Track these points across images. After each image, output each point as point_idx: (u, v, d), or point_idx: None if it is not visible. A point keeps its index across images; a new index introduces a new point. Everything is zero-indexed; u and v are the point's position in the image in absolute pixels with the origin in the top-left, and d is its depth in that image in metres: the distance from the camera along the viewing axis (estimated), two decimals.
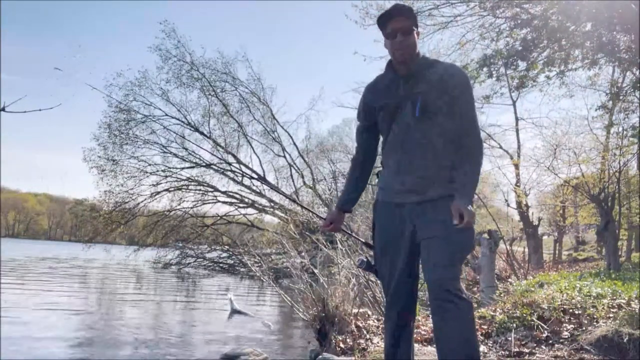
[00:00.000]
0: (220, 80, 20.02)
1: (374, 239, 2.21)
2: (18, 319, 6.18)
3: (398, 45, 2.04)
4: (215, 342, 5.47)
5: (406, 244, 2.05)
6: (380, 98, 2.14)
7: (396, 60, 2.09)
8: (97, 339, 5.41)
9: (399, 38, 2.03)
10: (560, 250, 27.04)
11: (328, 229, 2.37)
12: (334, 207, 2.39)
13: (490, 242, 7.11)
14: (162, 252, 20.15)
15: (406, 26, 2.04)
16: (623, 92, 9.38)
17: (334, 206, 2.41)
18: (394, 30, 2.04)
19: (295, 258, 5.36)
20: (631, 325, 3.16)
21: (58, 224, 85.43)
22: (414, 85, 2.05)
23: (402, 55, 2.05)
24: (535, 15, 7.61)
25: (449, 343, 1.85)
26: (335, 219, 2.33)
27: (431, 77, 2.03)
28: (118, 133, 19.14)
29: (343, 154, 25.99)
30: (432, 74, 2.04)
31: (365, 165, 2.32)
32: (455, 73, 2.07)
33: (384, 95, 2.12)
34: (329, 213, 2.41)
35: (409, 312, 2.12)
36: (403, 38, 2.03)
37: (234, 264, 18.96)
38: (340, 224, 2.35)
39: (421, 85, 2.03)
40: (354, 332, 4.16)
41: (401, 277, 2.08)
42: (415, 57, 2.09)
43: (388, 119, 2.11)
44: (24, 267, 16.24)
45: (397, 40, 2.03)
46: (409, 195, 2.04)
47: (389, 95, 2.10)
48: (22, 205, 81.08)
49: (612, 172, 11.48)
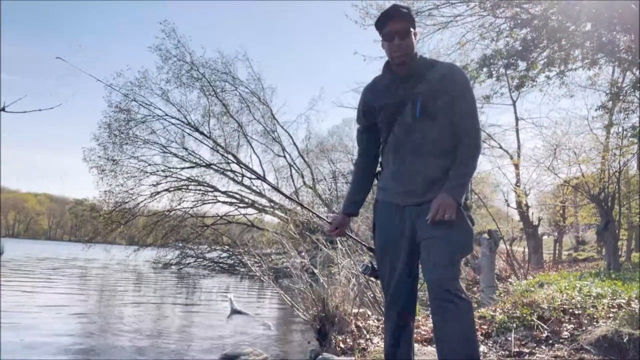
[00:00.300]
0: (220, 80, 20.05)
1: (374, 238, 2.21)
2: (18, 319, 6.18)
3: (396, 47, 2.03)
4: (215, 342, 5.47)
5: (406, 244, 2.04)
6: (380, 98, 2.13)
7: (394, 63, 2.09)
8: (96, 339, 5.40)
9: (397, 41, 2.03)
10: (560, 250, 27.05)
11: (334, 234, 2.38)
12: (338, 210, 2.39)
13: (490, 242, 7.11)
14: (162, 252, 20.15)
15: (404, 28, 2.03)
16: (623, 92, 9.38)
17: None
18: (391, 33, 2.03)
19: (295, 258, 5.36)
20: (631, 325, 3.16)
21: (58, 224, 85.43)
22: (413, 85, 2.04)
23: (399, 57, 2.05)
24: (535, 15, 7.61)
25: (449, 343, 1.84)
26: (341, 224, 2.33)
27: (431, 78, 2.03)
28: (118, 133, 19.16)
29: (343, 154, 26.06)
30: (431, 74, 2.03)
31: (368, 167, 2.31)
32: (455, 73, 2.06)
33: (384, 95, 2.12)
34: (333, 217, 2.40)
35: (408, 312, 2.12)
36: (400, 41, 2.03)
37: (234, 264, 18.95)
38: (345, 228, 2.36)
39: (421, 86, 2.02)
40: (354, 332, 4.16)
41: (401, 277, 2.08)
42: (414, 57, 2.08)
43: (388, 120, 2.10)
44: (23, 267, 16.24)
45: (395, 43, 2.03)
46: (409, 197, 2.04)
47: (388, 95, 2.10)
48: (22, 205, 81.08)
49: (612, 172, 11.48)
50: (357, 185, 2.34)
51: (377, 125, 2.18)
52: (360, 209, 2.39)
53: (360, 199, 2.35)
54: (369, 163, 2.31)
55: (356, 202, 2.34)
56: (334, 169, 24.87)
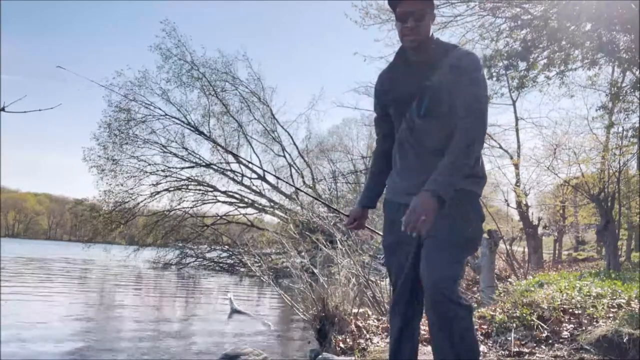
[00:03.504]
0: (220, 79, 20.11)
1: (383, 236, 2.19)
2: (18, 319, 6.18)
3: (408, 31, 1.87)
4: (215, 342, 5.47)
5: (412, 243, 1.98)
6: (389, 91, 2.04)
7: (406, 46, 1.93)
8: (96, 339, 5.40)
9: (410, 23, 1.86)
10: (560, 250, 27.04)
11: (352, 227, 2.29)
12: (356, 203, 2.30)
13: (490, 242, 7.10)
14: (162, 252, 20.15)
15: (420, 10, 1.86)
16: (623, 92, 9.38)
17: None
18: (406, 13, 1.86)
19: (295, 258, 5.37)
20: (631, 325, 3.16)
21: (58, 224, 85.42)
22: (424, 77, 1.89)
23: (412, 42, 1.89)
24: (536, 15, 7.61)
25: (444, 353, 1.77)
26: (358, 216, 2.26)
27: (444, 66, 1.87)
28: (118, 133, 19.19)
29: (343, 154, 26.06)
30: (444, 63, 1.87)
31: (384, 158, 2.17)
32: (463, 61, 1.86)
33: (395, 88, 2.02)
34: (351, 210, 2.32)
35: (414, 309, 2.09)
36: (415, 24, 1.85)
37: (234, 263, 18.96)
38: (363, 220, 2.28)
39: (433, 77, 1.87)
40: (353, 332, 4.16)
41: (408, 275, 2.03)
42: (429, 42, 1.91)
43: (396, 115, 2.02)
44: (24, 267, 16.24)
45: (408, 26, 1.86)
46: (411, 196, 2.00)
47: (397, 89, 2.00)
48: (22, 205, 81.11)
49: (612, 172, 11.47)
50: (374, 177, 2.24)
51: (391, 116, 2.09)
52: (377, 202, 2.29)
53: (378, 191, 2.24)
54: (385, 153, 2.16)
55: (373, 195, 2.25)
56: (333, 168, 24.88)
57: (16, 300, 7.93)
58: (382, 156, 2.18)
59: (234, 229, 21.51)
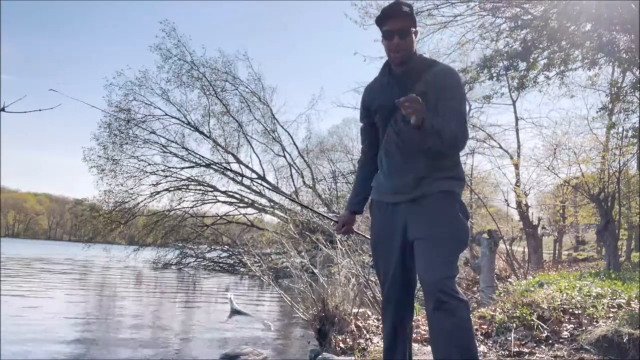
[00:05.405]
0: (220, 79, 20.08)
1: (370, 236, 2.22)
2: (18, 319, 6.18)
3: (395, 47, 2.02)
4: (215, 342, 5.47)
5: (399, 243, 2.03)
6: (376, 100, 2.15)
7: (392, 62, 2.08)
8: (96, 339, 5.40)
9: (396, 40, 2.00)
10: (560, 250, 27.03)
11: (342, 232, 2.40)
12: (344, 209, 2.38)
13: (490, 242, 7.10)
14: (162, 252, 20.15)
15: (404, 27, 2.00)
16: (623, 93, 9.38)
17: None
18: (391, 31, 2.01)
19: (295, 258, 5.37)
20: (631, 325, 3.16)
21: (58, 223, 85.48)
22: (409, 86, 2.00)
23: (398, 57, 2.04)
24: (536, 15, 7.61)
25: (445, 347, 1.80)
26: (347, 221, 2.34)
27: (427, 79, 2.01)
28: (118, 133, 19.18)
29: (343, 154, 26.01)
30: (428, 75, 2.02)
31: (370, 164, 2.29)
32: (447, 77, 2.02)
33: (380, 97, 2.12)
34: (340, 216, 2.41)
35: (405, 310, 2.11)
36: (400, 40, 2.00)
37: (234, 264, 18.96)
38: (352, 225, 2.37)
39: (416, 88, 1.99)
40: (353, 332, 4.16)
41: (396, 277, 2.07)
42: (413, 57, 2.06)
43: (382, 122, 2.12)
44: (24, 267, 16.24)
45: (394, 42, 2.01)
46: (399, 194, 2.04)
47: (383, 97, 2.10)
48: (22, 205, 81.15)
49: (612, 172, 11.47)
50: (361, 182, 2.33)
51: (376, 125, 2.19)
52: (364, 206, 2.39)
53: (364, 197, 2.33)
54: (371, 161, 2.28)
55: (360, 200, 2.34)
56: (333, 168, 24.85)
57: (16, 301, 7.92)
58: (368, 163, 2.29)
59: (234, 229, 21.50)
